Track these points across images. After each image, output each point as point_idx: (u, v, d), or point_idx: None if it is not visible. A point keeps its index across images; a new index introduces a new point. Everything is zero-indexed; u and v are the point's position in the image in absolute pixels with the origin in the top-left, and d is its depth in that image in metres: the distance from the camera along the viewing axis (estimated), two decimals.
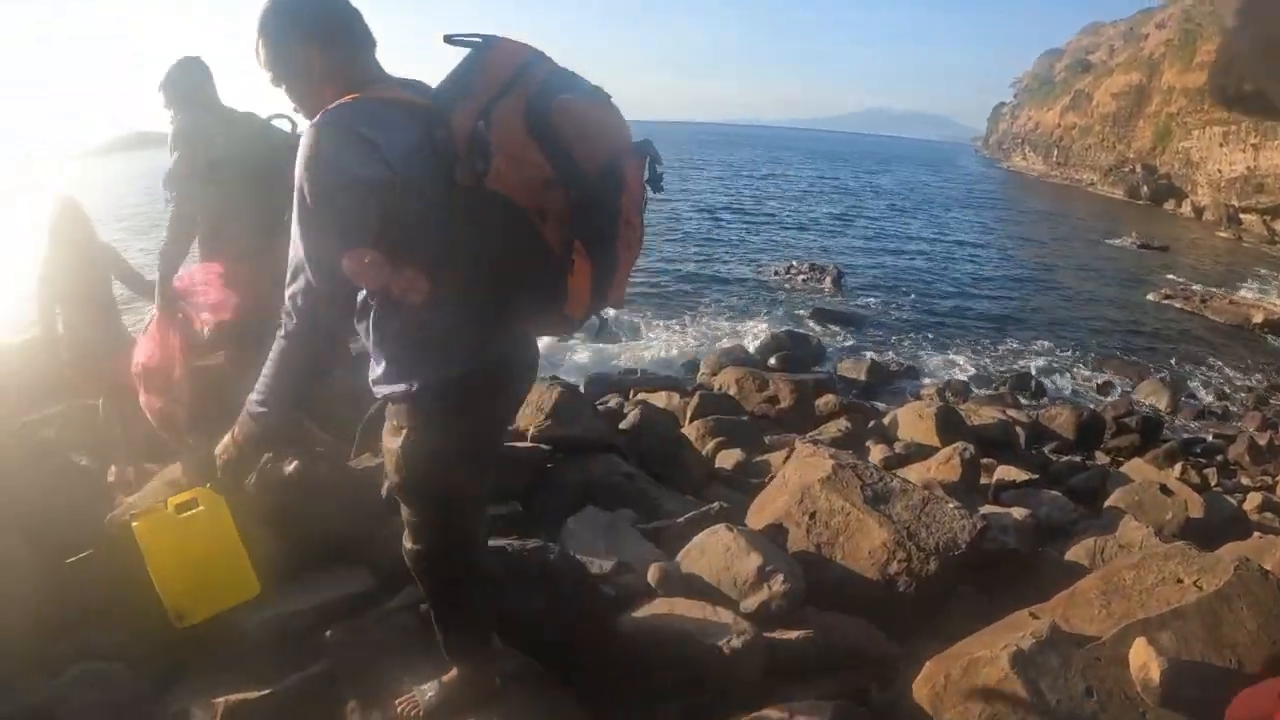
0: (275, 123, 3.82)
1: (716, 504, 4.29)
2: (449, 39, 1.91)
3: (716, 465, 7.25)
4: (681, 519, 4.18)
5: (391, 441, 2.20)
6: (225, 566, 2.76)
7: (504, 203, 1.85)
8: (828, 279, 22.45)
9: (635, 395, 10.69)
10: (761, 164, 79.81)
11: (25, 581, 3.32)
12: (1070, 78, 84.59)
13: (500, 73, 1.88)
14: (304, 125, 2.01)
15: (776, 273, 23.86)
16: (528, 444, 4.88)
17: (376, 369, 2.16)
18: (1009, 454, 9.45)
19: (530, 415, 5.20)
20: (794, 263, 24.44)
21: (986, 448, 8.98)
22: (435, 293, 1.97)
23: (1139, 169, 61.19)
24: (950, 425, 9.20)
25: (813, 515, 4.05)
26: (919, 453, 8.23)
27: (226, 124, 4.01)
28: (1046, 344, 19.06)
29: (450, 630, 2.54)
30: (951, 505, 4.04)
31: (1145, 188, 58.87)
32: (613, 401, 9.90)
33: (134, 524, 2.83)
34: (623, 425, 6.00)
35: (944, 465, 6.94)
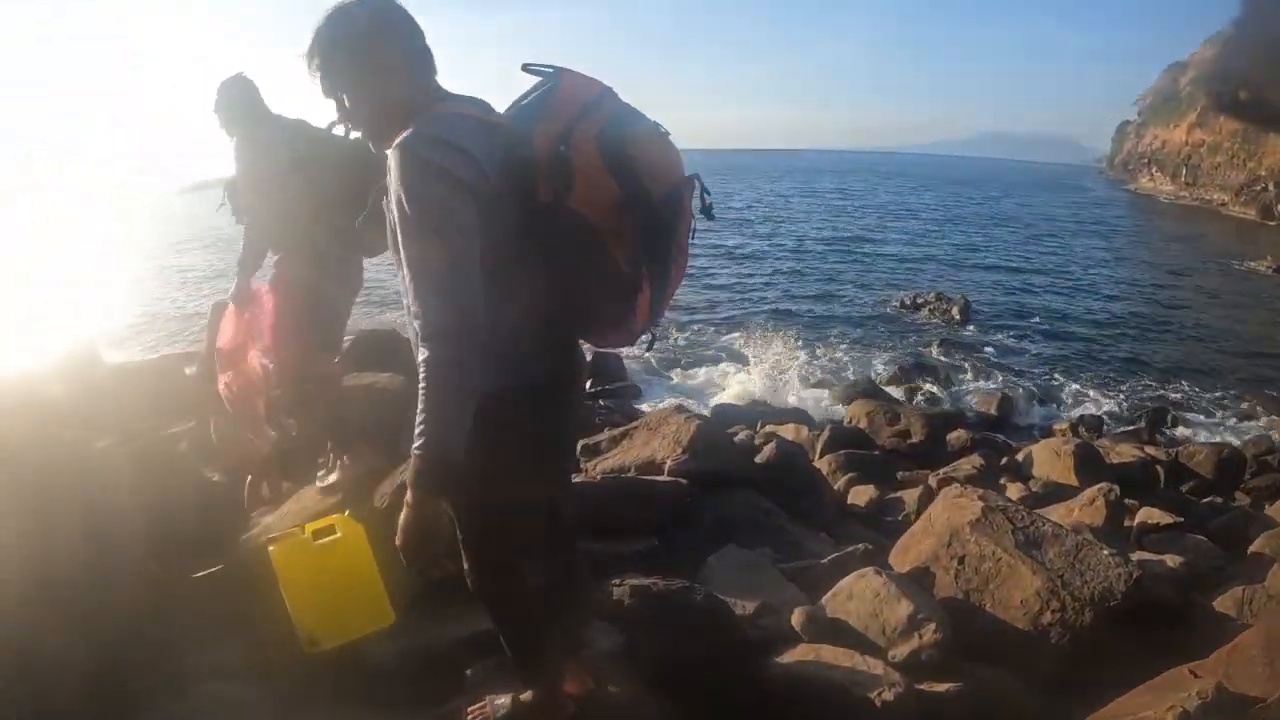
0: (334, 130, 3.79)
1: (861, 546, 4.20)
2: (526, 68, 2.08)
3: (849, 501, 7.14)
4: (825, 560, 4.10)
5: None
6: (361, 594, 2.80)
7: (581, 222, 1.97)
8: (955, 309, 21.90)
9: (763, 427, 10.61)
10: (880, 192, 78.60)
11: (148, 595, 3.39)
12: (1196, 92, 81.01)
13: (576, 101, 2.01)
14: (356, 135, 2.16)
15: (902, 303, 23.41)
16: (665, 478, 4.84)
17: None
18: (1149, 494, 9.03)
19: (668, 448, 5.17)
20: (920, 293, 23.91)
21: (1126, 488, 8.62)
22: (500, 305, 1.99)
23: (1271, 187, 58.46)
24: (1088, 464, 8.90)
25: (961, 560, 3.93)
26: (1057, 492, 7.97)
27: (290, 133, 4.07)
28: (1181, 376, 18.15)
29: (513, 651, 2.51)
30: (1106, 552, 3.87)
31: (1279, 207, 56.21)
32: (741, 434, 9.84)
33: (270, 548, 2.89)
34: (758, 459, 5.92)
35: (1087, 507, 6.70)
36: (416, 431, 1.90)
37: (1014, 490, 8.03)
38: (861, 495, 7.33)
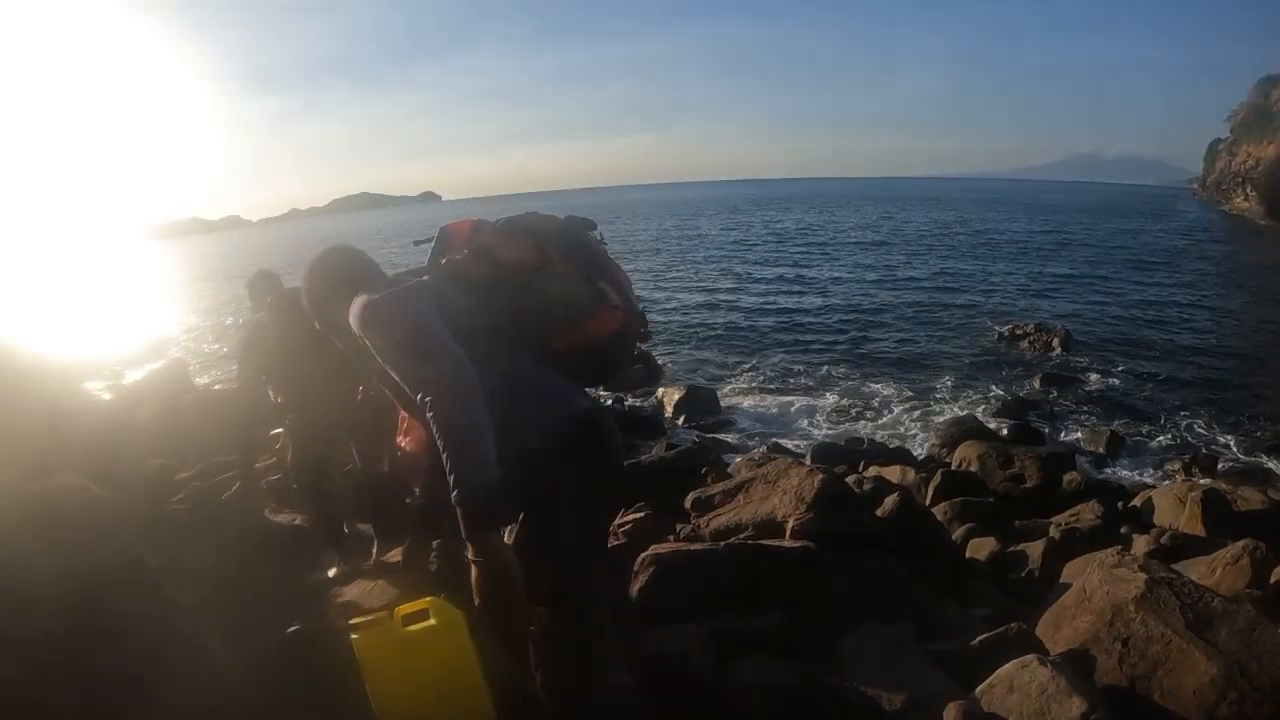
0: None
1: (1014, 626, 3.82)
2: (418, 243, 2.94)
3: (968, 555, 6.75)
4: (975, 642, 3.72)
5: None
6: (457, 691, 2.58)
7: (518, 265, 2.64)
8: (1055, 340, 21.12)
9: (866, 468, 10.22)
10: (972, 220, 76.90)
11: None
12: None
13: (464, 229, 2.75)
14: None
15: (1000, 335, 22.70)
16: (791, 542, 4.48)
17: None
18: None
19: (789, 504, 4.79)
20: (1018, 324, 23.16)
21: (1259, 539, 8.07)
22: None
23: None
24: (1217, 513, 8.33)
25: (1125, 642, 3.55)
26: (1187, 546, 7.44)
27: None
28: None
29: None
30: None
31: None
32: (849, 478, 9.50)
33: (354, 636, 2.64)
34: (879, 512, 5.54)
35: (1231, 567, 6.19)
36: (451, 483, 2.22)
37: (1141, 543, 7.52)
38: (981, 548, 6.92)
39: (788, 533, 4.55)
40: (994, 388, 18.20)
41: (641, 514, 5.72)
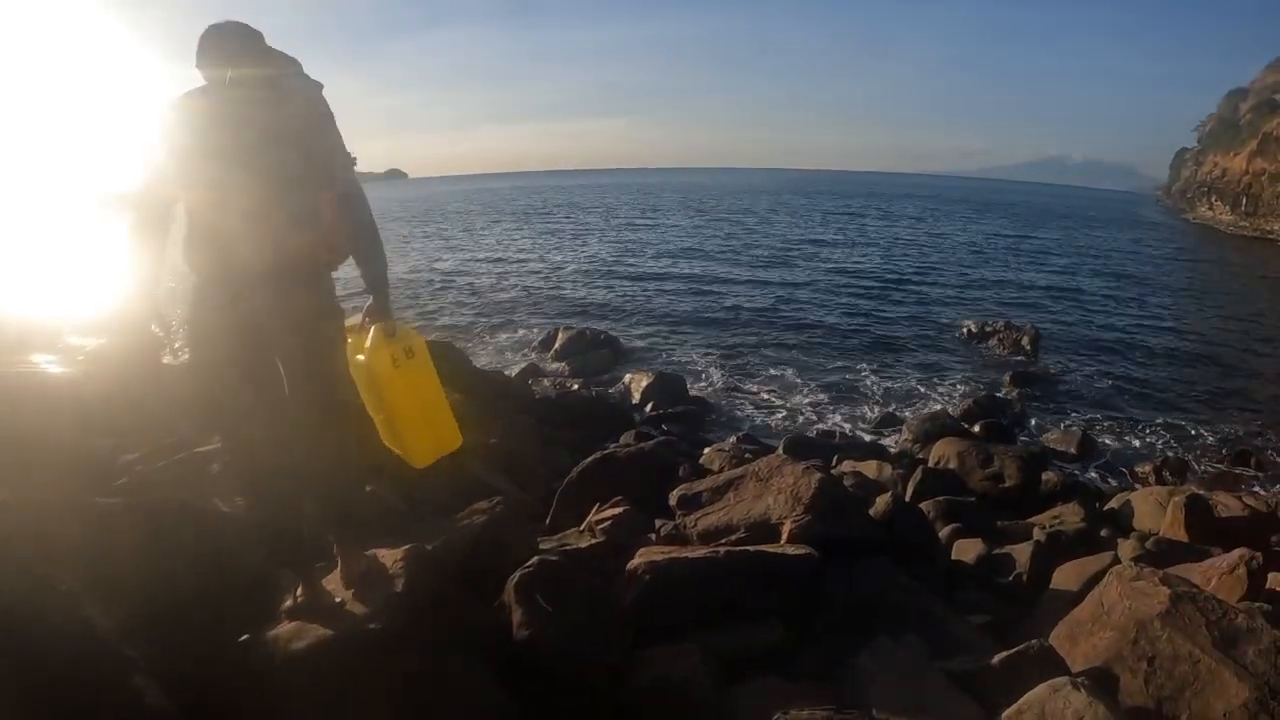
0: None
1: (1035, 643, 3.54)
2: None
3: (954, 556, 6.51)
4: (996, 661, 3.43)
5: None
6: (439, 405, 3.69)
7: None
8: (1024, 339, 20.96)
9: (839, 463, 9.98)
10: (932, 217, 76.80)
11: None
12: (1257, 119, 78.81)
13: None
14: None
15: (969, 331, 22.56)
16: (791, 548, 4.16)
17: None
18: (1267, 553, 8.34)
19: (785, 505, 4.46)
20: (987, 320, 23.07)
21: (1241, 545, 7.96)
22: None
23: None
24: (1200, 518, 8.18)
25: (1151, 661, 3.32)
26: (1173, 552, 7.26)
27: None
28: (1259, 415, 17.16)
29: None
30: None
31: None
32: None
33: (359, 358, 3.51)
34: (874, 513, 5.26)
35: (1228, 576, 5.98)
36: (376, 266, 3.43)
37: (1127, 548, 7.34)
38: (968, 550, 6.68)
39: (784, 536, 4.24)
40: (964, 385, 18.08)
41: (619, 509, 5.44)
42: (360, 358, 3.46)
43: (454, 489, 6.66)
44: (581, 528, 5.33)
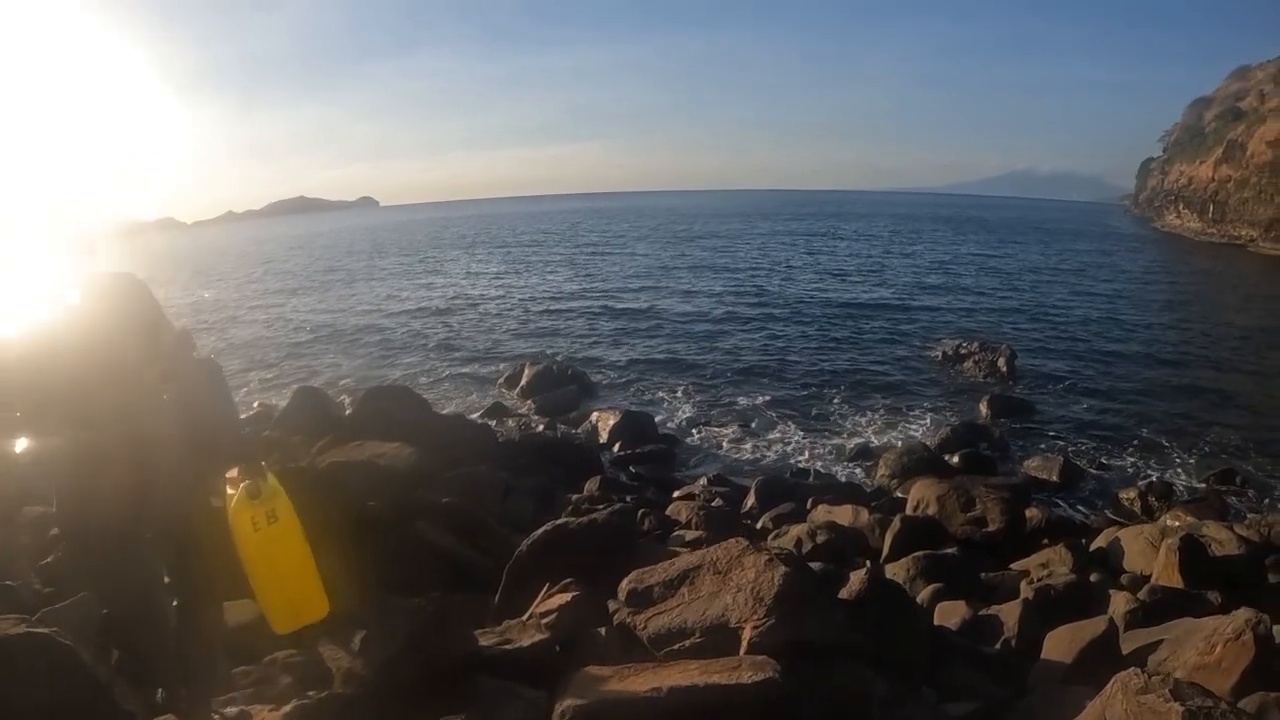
0: None
1: None
2: None
3: (936, 621, 6.00)
4: None
5: None
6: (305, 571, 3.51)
7: None
8: (1000, 360, 20.51)
9: (814, 506, 9.47)
10: (900, 236, 76.76)
11: None
12: (1221, 127, 79.76)
13: None
14: None
15: (944, 354, 22.21)
16: (745, 666, 3.48)
17: None
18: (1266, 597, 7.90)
19: (745, 605, 3.78)
20: (962, 342, 22.69)
21: (1234, 586, 7.54)
22: None
23: None
24: (1195, 562, 7.74)
25: None
26: (1169, 602, 6.80)
27: None
28: (1241, 430, 16.91)
29: None
30: None
31: None
32: (791, 527, 8.68)
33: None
34: (843, 593, 4.70)
35: (1233, 643, 5.49)
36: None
37: (1120, 601, 6.85)
38: (952, 614, 6.17)
39: (744, 644, 3.66)
40: (940, 412, 17.74)
41: (569, 595, 4.89)
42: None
43: (400, 553, 6.20)
44: (525, 618, 4.79)
